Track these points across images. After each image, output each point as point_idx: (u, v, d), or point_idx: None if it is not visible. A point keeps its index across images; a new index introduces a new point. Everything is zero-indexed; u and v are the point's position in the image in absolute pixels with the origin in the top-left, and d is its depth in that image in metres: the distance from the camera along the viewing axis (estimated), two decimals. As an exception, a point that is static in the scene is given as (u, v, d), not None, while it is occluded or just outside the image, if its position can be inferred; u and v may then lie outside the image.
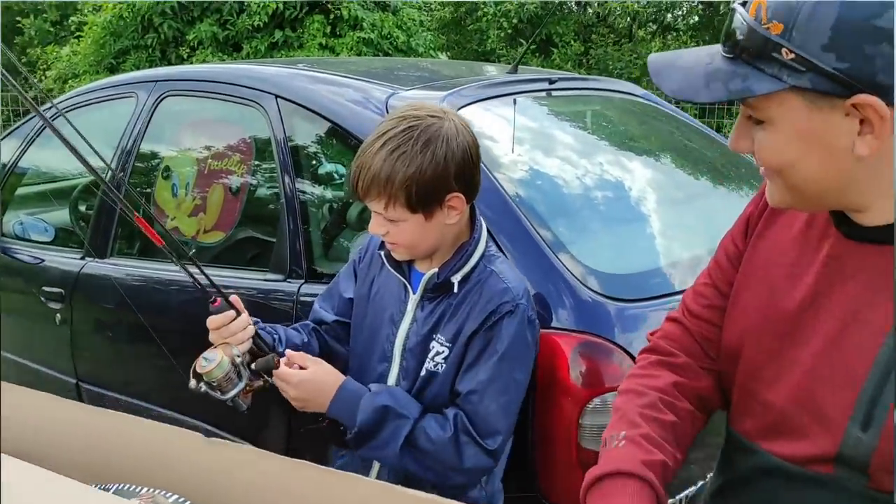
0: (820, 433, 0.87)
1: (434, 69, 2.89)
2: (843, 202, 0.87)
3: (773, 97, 0.82)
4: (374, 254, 1.53)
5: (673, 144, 2.63)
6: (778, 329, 0.94)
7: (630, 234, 2.07)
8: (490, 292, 1.37)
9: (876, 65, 0.76)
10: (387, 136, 1.30)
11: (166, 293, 2.34)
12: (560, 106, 2.43)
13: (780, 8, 0.80)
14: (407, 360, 1.43)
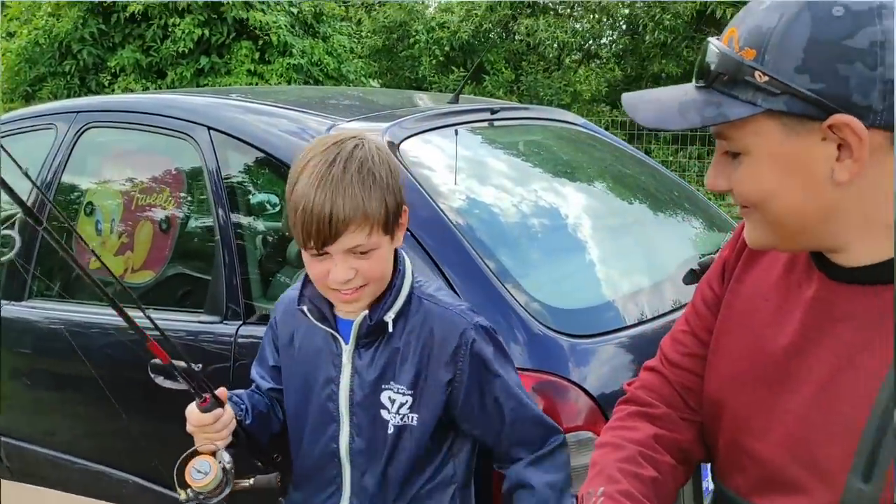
0: (818, 487, 0.83)
1: (372, 99, 2.83)
2: (823, 239, 0.84)
3: (748, 125, 0.80)
4: (288, 314, 1.42)
5: (613, 172, 2.64)
6: (765, 376, 0.90)
7: (578, 266, 2.05)
8: (442, 329, 1.30)
9: (850, 85, 0.75)
10: (341, 163, 1.20)
11: (89, 336, 2.20)
12: (503, 136, 2.41)
13: (752, 34, 0.80)
14: (357, 415, 1.33)
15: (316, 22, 6.96)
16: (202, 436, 1.25)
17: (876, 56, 0.75)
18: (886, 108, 0.76)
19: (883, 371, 0.80)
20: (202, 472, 1.21)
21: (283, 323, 1.43)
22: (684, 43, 8.21)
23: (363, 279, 1.25)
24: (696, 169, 7.65)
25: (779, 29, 0.78)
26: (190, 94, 2.57)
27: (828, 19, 0.76)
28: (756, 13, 0.81)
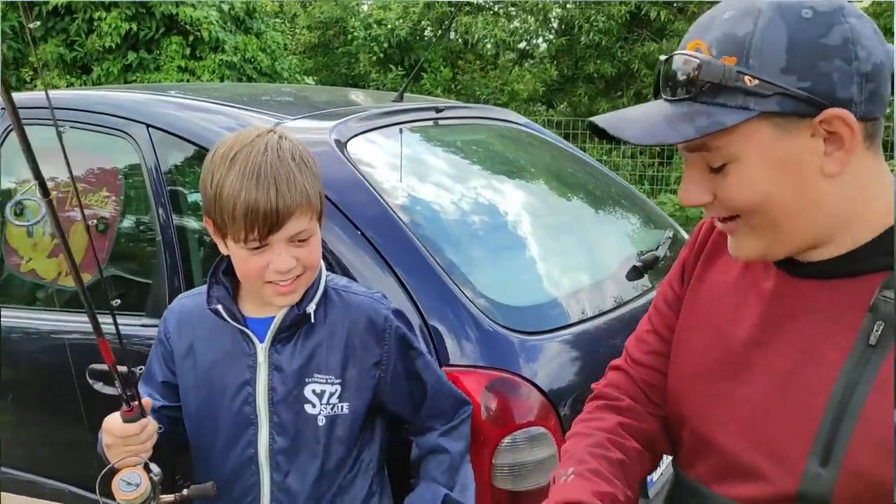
0: (778, 472, 0.86)
1: (315, 97, 2.79)
2: (812, 239, 0.86)
3: (737, 132, 0.81)
4: (183, 324, 1.38)
5: (555, 171, 2.67)
6: (725, 370, 0.93)
7: (524, 264, 2.07)
8: (365, 316, 1.34)
9: (834, 80, 0.79)
10: (274, 150, 1.20)
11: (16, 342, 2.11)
12: (448, 135, 2.41)
13: (727, 43, 0.81)
14: (279, 414, 1.30)
15: (248, 18, 6.83)
16: (125, 448, 1.16)
17: (850, 51, 0.79)
18: (864, 100, 0.80)
19: (840, 362, 0.83)
20: (133, 483, 1.13)
21: (178, 334, 1.38)
22: (618, 44, 8.37)
23: (302, 267, 1.25)
24: (629, 167, 7.82)
25: (757, 34, 0.80)
26: (125, 90, 2.49)
27: (800, 21, 0.79)
28: (722, 23, 0.82)
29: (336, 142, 1.88)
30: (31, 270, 2.22)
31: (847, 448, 0.81)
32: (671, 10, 8.21)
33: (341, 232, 1.71)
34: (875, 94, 0.81)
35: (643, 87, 8.57)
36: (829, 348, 0.84)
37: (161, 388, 1.40)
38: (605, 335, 1.91)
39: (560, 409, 1.64)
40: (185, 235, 1.99)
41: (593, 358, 1.85)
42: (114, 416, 1.17)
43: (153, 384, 1.41)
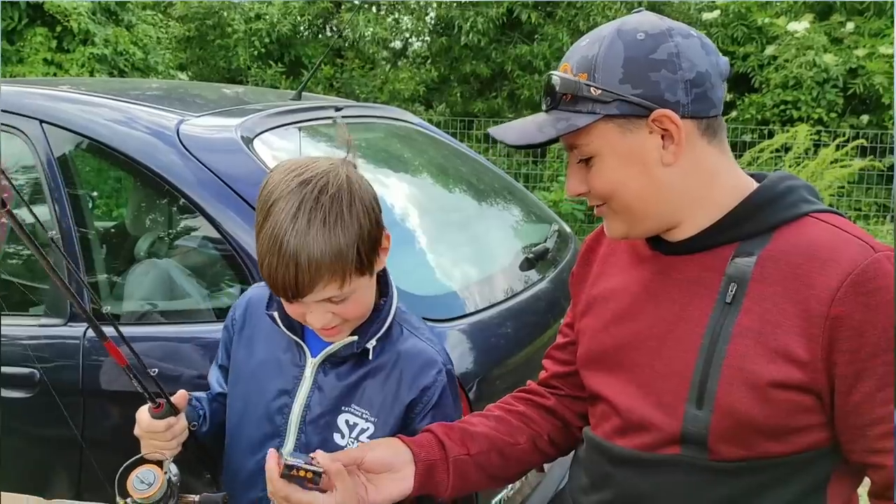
0: (664, 419, 1.03)
1: (217, 95, 2.79)
2: (666, 217, 1.05)
3: (592, 131, 1.02)
4: (252, 313, 1.35)
5: (450, 169, 2.80)
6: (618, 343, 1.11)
7: (422, 257, 2.17)
8: (417, 361, 1.26)
9: (661, 87, 0.99)
10: (306, 211, 1.09)
11: None
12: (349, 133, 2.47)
13: (582, 62, 1.03)
14: (307, 434, 1.24)
15: (120, 9, 6.57)
16: (150, 442, 1.17)
17: (675, 63, 0.99)
18: (691, 101, 1.00)
19: (705, 319, 1.02)
20: (146, 482, 1.12)
21: (242, 323, 1.35)
22: (492, 46, 8.64)
23: (342, 319, 1.19)
24: (505, 165, 8.10)
25: (601, 54, 1.01)
26: (16, 84, 2.40)
27: (634, 42, 1.00)
28: (581, 48, 1.05)
29: (243, 138, 1.92)
30: None
31: (717, 390, 0.99)
32: (541, 14, 8.56)
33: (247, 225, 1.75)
34: (702, 97, 1.00)
35: (516, 87, 8.87)
36: (695, 309, 1.03)
37: (222, 373, 1.37)
38: (502, 323, 2.05)
39: (468, 390, 1.75)
40: (86, 235, 1.96)
41: (494, 344, 1.99)
42: (144, 409, 1.17)
43: (217, 369, 1.41)
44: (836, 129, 7.58)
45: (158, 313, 1.91)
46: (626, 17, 1.05)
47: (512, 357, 2.01)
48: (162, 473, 1.13)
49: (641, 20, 1.03)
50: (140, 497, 1.11)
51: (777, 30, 8.37)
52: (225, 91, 3.06)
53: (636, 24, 1.02)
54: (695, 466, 1.01)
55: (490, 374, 1.88)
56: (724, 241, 1.03)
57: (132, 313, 1.94)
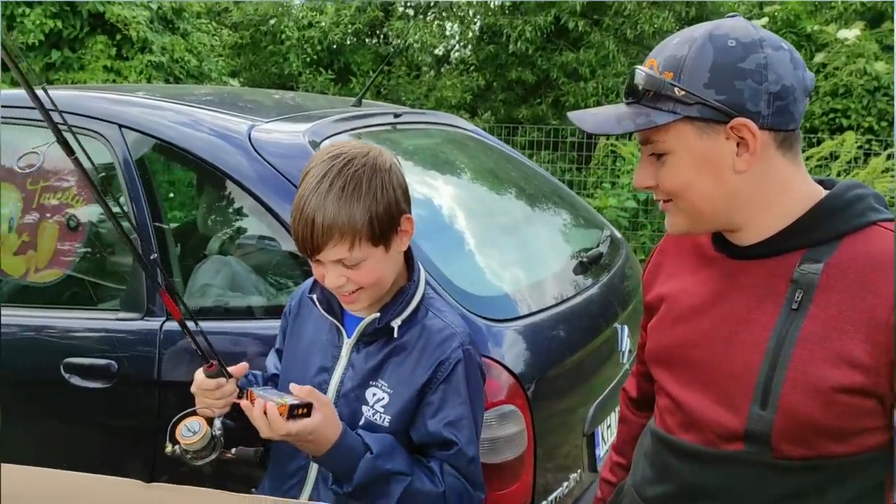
0: (728, 416, 1.07)
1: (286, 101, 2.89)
2: (729, 219, 1.09)
3: (670, 129, 1.05)
4: (304, 300, 1.49)
5: (505, 175, 2.85)
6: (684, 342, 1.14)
7: (483, 258, 2.23)
8: (436, 338, 1.36)
9: (745, 96, 1.02)
10: (329, 178, 1.26)
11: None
12: (406, 139, 2.55)
13: (669, 61, 1.05)
14: (339, 406, 1.37)
15: (176, 17, 6.78)
16: (202, 399, 1.31)
17: (762, 75, 1.01)
18: (771, 114, 1.02)
19: (771, 324, 1.05)
20: (192, 431, 1.27)
21: (297, 311, 1.50)
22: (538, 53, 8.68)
23: (355, 285, 1.31)
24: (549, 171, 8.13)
25: (690, 56, 1.03)
26: (97, 90, 2.52)
27: (725, 48, 1.02)
28: (670, 46, 1.06)
29: (311, 143, 2.00)
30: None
31: (781, 392, 1.02)
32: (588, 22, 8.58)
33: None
34: (783, 110, 1.02)
35: (561, 94, 8.89)
36: (762, 314, 1.06)
37: (278, 356, 1.53)
38: (558, 324, 2.10)
39: (527, 389, 1.80)
40: (162, 233, 2.06)
41: (551, 344, 2.04)
42: (200, 369, 1.31)
43: (274, 353, 1.55)
44: (888, 139, 7.45)
45: (225, 308, 2.00)
46: (721, 21, 1.07)
47: (566, 360, 2.06)
48: (207, 426, 1.27)
49: (735, 26, 1.04)
50: (185, 443, 1.26)
51: (826, 37, 8.26)
52: (285, 97, 3.16)
53: (729, 29, 1.03)
54: (758, 463, 1.04)
55: (546, 376, 1.93)
56: (792, 248, 1.06)
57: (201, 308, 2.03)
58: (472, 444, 1.38)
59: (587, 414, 2.09)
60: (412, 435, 1.38)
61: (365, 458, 1.30)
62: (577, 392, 2.11)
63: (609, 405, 2.18)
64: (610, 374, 2.26)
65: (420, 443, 1.38)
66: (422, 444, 1.38)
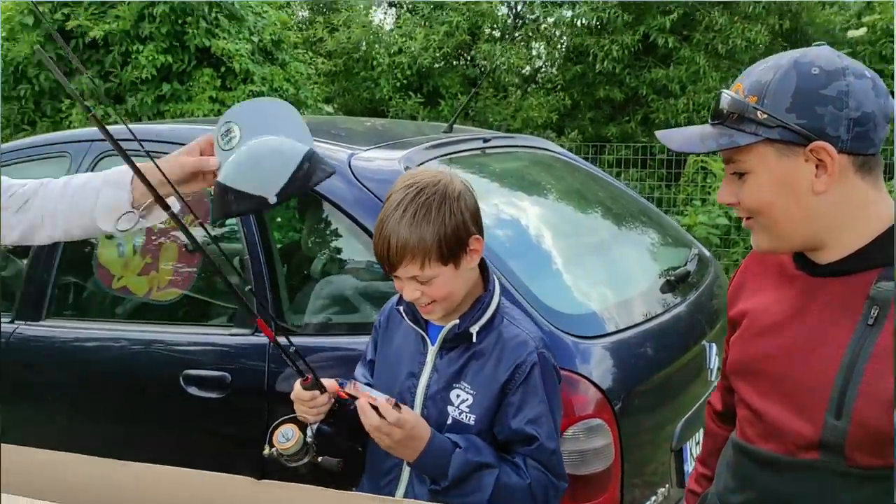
0: (805, 426, 1.12)
1: (371, 128, 3.05)
2: (809, 237, 1.14)
3: (752, 150, 1.11)
4: (392, 313, 1.64)
5: (592, 196, 2.91)
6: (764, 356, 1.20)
7: (570, 277, 2.30)
8: (512, 343, 1.48)
9: (825, 121, 1.07)
10: (404, 206, 1.43)
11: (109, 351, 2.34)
12: (495, 162, 2.66)
13: (754, 86, 1.12)
14: (428, 408, 1.51)
15: (275, 49, 7.14)
16: (298, 408, 1.46)
17: (843, 102, 1.06)
18: (850, 139, 1.07)
19: (847, 339, 1.09)
20: (286, 437, 1.42)
21: (386, 323, 1.65)
22: (626, 70, 8.65)
23: (429, 298, 1.46)
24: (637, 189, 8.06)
25: (774, 81, 1.10)
26: (205, 123, 2.74)
27: (808, 75, 1.08)
28: (756, 72, 1.13)
29: (405, 169, 2.12)
30: (122, 287, 2.45)
31: (854, 404, 1.07)
32: (678, 38, 8.49)
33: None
34: (863, 136, 1.07)
35: (650, 111, 8.82)
36: (839, 329, 1.11)
37: (370, 366, 1.67)
38: (645, 341, 2.14)
39: (614, 403, 1.86)
40: (271, 254, 2.22)
41: (638, 361, 2.08)
42: (298, 381, 1.46)
43: (365, 363, 1.69)
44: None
45: (332, 325, 2.14)
46: (807, 50, 1.12)
47: (653, 376, 2.10)
48: (300, 433, 1.41)
49: (819, 55, 1.10)
50: (280, 448, 1.41)
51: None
52: (376, 124, 3.32)
53: (814, 57, 1.09)
54: (832, 471, 1.09)
55: (633, 391, 1.97)
56: (869, 266, 1.10)
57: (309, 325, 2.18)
58: (552, 439, 1.48)
59: (675, 430, 2.13)
60: (497, 433, 1.49)
61: (456, 452, 1.42)
62: (664, 408, 2.15)
63: (697, 422, 2.19)
64: (698, 391, 2.28)
65: (504, 440, 1.49)
66: (506, 441, 1.48)
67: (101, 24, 6.32)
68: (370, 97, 9.03)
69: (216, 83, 6.50)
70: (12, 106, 6.89)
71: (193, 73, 6.57)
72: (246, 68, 6.52)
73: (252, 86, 6.54)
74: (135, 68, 6.37)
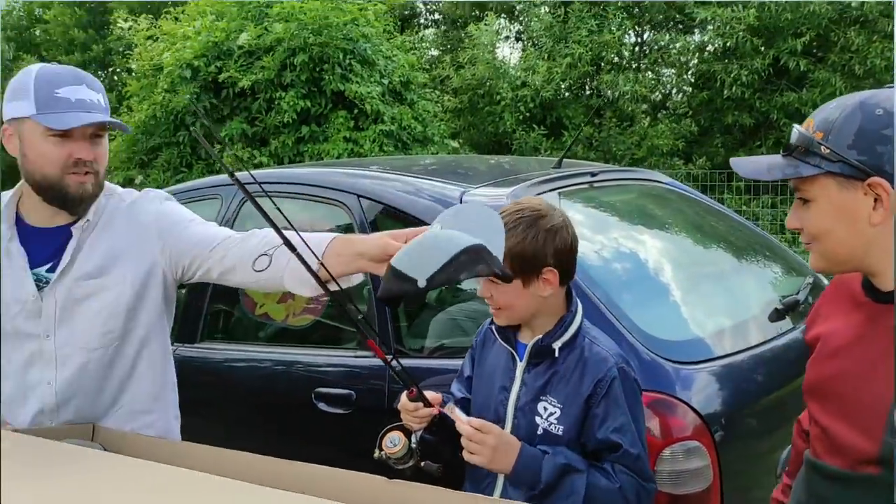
0: (866, 443, 1.19)
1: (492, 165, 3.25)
2: (864, 264, 1.23)
3: (816, 181, 1.22)
4: (487, 334, 1.81)
5: (699, 224, 2.97)
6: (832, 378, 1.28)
7: (674, 305, 2.37)
8: (593, 360, 1.61)
9: (883, 159, 1.16)
10: (504, 217, 1.59)
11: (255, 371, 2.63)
12: (603, 195, 2.77)
13: (823, 122, 1.23)
14: (518, 418, 1.65)
15: (404, 90, 7.56)
16: (405, 416, 1.63)
17: None
18: None
19: None
20: (393, 442, 1.60)
21: (483, 342, 1.82)
22: (756, 95, 8.46)
23: (495, 304, 1.65)
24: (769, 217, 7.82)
25: (840, 119, 1.20)
26: (335, 166, 3.03)
27: (872, 116, 1.18)
28: (828, 109, 1.24)
29: (513, 205, 2.29)
30: (263, 314, 2.75)
31: None
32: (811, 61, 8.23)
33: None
34: None
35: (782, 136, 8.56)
36: None
37: (467, 382, 1.84)
38: (749, 369, 2.19)
39: (713, 428, 1.92)
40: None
41: (742, 386, 2.13)
42: (404, 393, 1.63)
43: (462, 380, 1.86)
44: None
45: (445, 348, 2.33)
46: (877, 91, 1.21)
47: (758, 402, 2.14)
48: (406, 439, 1.58)
49: (888, 97, 1.18)
50: (388, 452, 1.58)
51: None
52: (492, 162, 3.52)
53: (882, 99, 1.18)
54: (889, 485, 1.15)
55: (734, 416, 2.03)
56: None
57: (424, 348, 2.38)
58: (636, 445, 1.59)
59: (780, 457, 2.14)
60: (584, 444, 1.61)
61: (546, 457, 1.57)
62: (770, 435, 2.17)
63: (804, 450, 2.20)
64: (806, 419, 2.28)
65: (592, 450, 1.61)
66: (593, 451, 1.61)
67: (249, 74, 6.94)
68: (494, 130, 9.30)
69: (350, 124, 6.96)
70: (172, 150, 7.65)
71: (329, 116, 7.07)
72: (377, 109, 6.94)
73: (382, 125, 6.95)
74: (278, 113, 6.93)
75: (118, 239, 1.74)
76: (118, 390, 1.76)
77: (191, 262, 1.73)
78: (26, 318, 1.69)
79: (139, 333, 1.76)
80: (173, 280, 1.80)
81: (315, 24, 6.88)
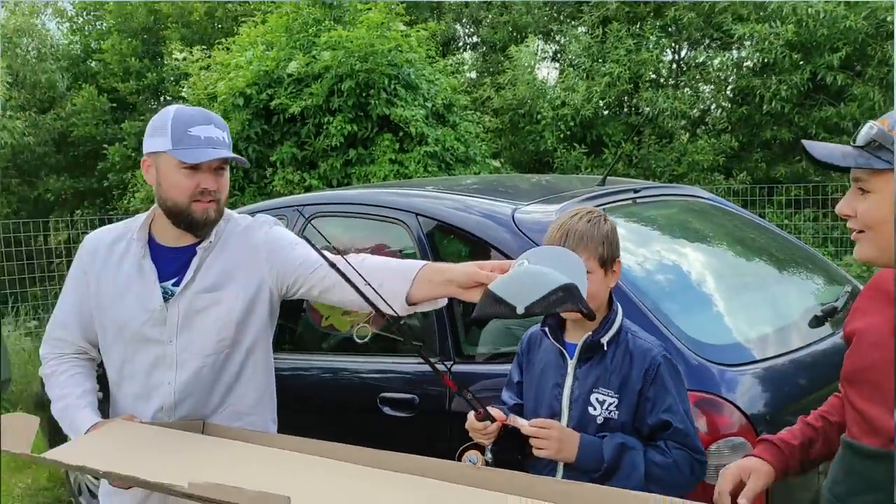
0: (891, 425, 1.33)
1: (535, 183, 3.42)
2: None
3: (880, 175, 1.34)
4: (532, 338, 1.96)
5: (740, 237, 3.10)
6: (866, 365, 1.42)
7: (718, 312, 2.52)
8: (638, 351, 1.79)
9: None
10: (579, 216, 1.81)
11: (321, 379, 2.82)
12: (646, 211, 2.92)
13: None
14: (573, 409, 1.81)
15: (447, 112, 7.77)
16: (475, 434, 1.78)
17: None
18: None
19: None
20: (472, 461, 1.78)
21: (528, 348, 1.97)
22: (795, 110, 8.49)
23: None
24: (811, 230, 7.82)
25: None
26: (396, 187, 3.23)
27: None
28: None
29: (562, 221, 2.46)
30: (329, 325, 2.95)
31: None
32: (849, 75, 8.24)
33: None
34: None
35: (824, 149, 8.52)
36: None
37: (517, 388, 1.98)
38: (790, 372, 2.31)
39: (757, 427, 2.06)
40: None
41: (781, 388, 2.26)
42: (472, 413, 1.77)
43: (512, 387, 1.99)
44: None
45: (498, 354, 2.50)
46: None
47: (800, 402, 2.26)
48: (481, 457, 1.77)
49: None
50: None
51: None
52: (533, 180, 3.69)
53: None
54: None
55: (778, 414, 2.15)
56: None
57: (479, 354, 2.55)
58: (685, 422, 1.76)
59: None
60: (639, 428, 1.78)
61: (604, 440, 1.74)
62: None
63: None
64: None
65: (647, 433, 1.77)
66: (649, 432, 1.77)
67: (299, 100, 7.22)
68: (535, 149, 9.45)
69: (395, 146, 7.18)
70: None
71: (375, 139, 7.30)
72: (421, 132, 7.16)
73: (427, 147, 7.15)
74: (326, 137, 7.19)
75: (233, 258, 1.93)
76: (226, 392, 1.95)
77: (294, 280, 1.91)
78: (153, 325, 1.89)
79: (247, 343, 1.94)
80: (278, 296, 1.98)
81: (361, 52, 7.13)
